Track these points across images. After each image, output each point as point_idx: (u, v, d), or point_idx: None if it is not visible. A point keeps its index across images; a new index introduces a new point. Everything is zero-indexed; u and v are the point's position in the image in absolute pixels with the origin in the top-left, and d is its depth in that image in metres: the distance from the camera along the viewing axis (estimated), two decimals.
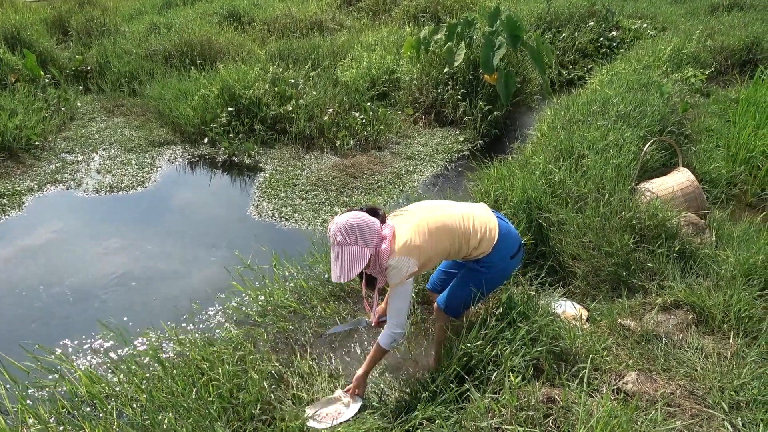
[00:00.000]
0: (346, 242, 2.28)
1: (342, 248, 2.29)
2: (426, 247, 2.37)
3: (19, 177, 5.54)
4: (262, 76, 6.88)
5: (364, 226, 2.30)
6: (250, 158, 6.07)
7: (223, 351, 2.76)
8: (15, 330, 3.56)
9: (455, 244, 2.47)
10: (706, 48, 7.80)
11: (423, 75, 7.03)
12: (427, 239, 2.37)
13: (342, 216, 2.33)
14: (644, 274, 3.33)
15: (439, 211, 2.50)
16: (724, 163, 4.94)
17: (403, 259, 2.31)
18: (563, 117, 5.43)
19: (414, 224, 2.40)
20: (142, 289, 3.97)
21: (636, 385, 2.41)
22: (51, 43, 8.47)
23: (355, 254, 2.28)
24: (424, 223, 2.41)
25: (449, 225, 2.45)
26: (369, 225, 2.31)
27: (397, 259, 2.31)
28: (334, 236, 2.30)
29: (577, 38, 8.91)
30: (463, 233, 2.47)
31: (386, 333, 2.47)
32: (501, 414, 2.14)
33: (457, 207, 2.59)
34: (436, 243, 2.40)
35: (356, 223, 2.29)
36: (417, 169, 5.86)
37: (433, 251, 2.41)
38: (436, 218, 2.45)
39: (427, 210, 2.51)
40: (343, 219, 2.31)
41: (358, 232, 2.28)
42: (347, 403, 2.61)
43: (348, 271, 2.28)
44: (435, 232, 2.40)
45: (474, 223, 2.51)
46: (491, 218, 2.59)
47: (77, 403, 2.57)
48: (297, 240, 4.44)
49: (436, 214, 2.47)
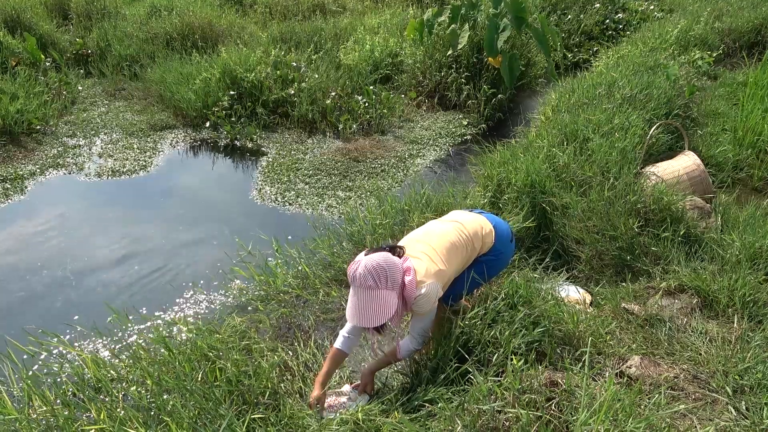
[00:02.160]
0: (377, 286, 2.17)
1: (371, 292, 2.18)
2: (445, 269, 2.36)
3: (21, 161, 5.52)
4: (264, 60, 6.82)
5: (393, 269, 2.20)
6: (253, 142, 6.04)
7: (228, 338, 2.77)
8: (18, 314, 3.57)
9: (466, 256, 2.49)
10: (714, 30, 7.68)
11: (426, 58, 6.96)
12: (444, 262, 2.36)
13: (370, 257, 2.20)
14: (648, 258, 3.32)
15: (436, 235, 2.47)
16: (730, 146, 4.89)
17: (432, 284, 2.26)
18: (568, 100, 5.37)
19: (425, 252, 2.37)
20: (145, 273, 3.98)
21: (639, 369, 2.41)
22: (51, 26, 8.40)
23: (385, 299, 2.18)
24: (432, 249, 2.38)
25: (455, 242, 2.44)
26: (396, 267, 2.22)
27: (426, 288, 2.25)
28: (363, 279, 2.18)
29: (582, 20, 8.79)
30: (467, 244, 2.48)
31: (407, 347, 2.46)
32: (503, 397, 2.14)
33: (446, 224, 2.57)
34: (451, 263, 2.40)
35: (387, 265, 2.18)
36: (420, 153, 5.82)
37: (451, 272, 2.42)
38: (439, 241, 2.42)
39: (425, 237, 2.47)
40: (373, 261, 2.18)
41: (389, 274, 2.18)
42: (354, 398, 2.60)
43: (379, 317, 2.19)
44: (447, 253, 2.39)
45: (468, 230, 2.53)
46: (478, 218, 2.63)
47: (82, 386, 2.58)
48: (301, 225, 4.44)
49: (436, 238, 2.44)
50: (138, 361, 2.67)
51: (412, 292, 2.23)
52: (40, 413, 2.43)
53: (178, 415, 2.20)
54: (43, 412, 2.44)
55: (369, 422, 2.25)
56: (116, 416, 2.28)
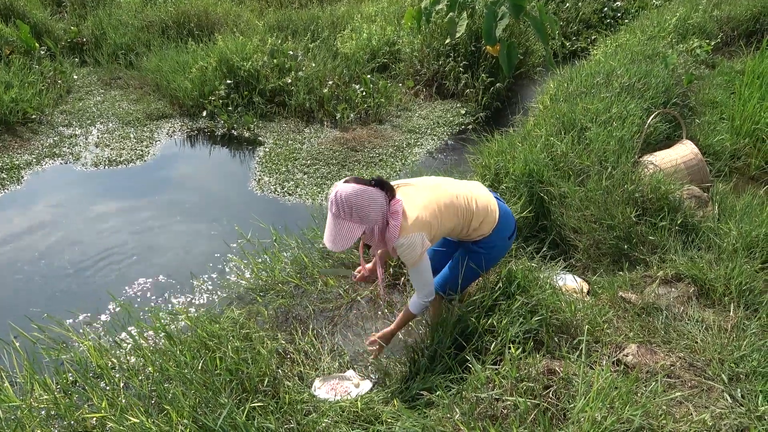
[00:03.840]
0: (339, 215, 2.21)
1: (335, 220, 2.23)
2: (435, 224, 2.34)
3: (17, 151, 5.50)
4: (261, 48, 6.77)
5: (363, 206, 2.20)
6: (250, 131, 6.02)
7: (228, 328, 2.78)
8: (17, 303, 3.57)
9: (459, 225, 2.46)
10: (713, 18, 7.66)
11: (424, 46, 6.91)
12: (436, 216, 2.34)
13: (344, 186, 2.22)
14: (646, 247, 3.33)
15: (445, 191, 2.45)
16: (728, 135, 4.90)
17: (416, 235, 2.26)
18: (566, 89, 5.36)
19: (423, 202, 2.35)
20: (143, 263, 3.98)
21: (636, 357, 2.43)
22: (45, 14, 8.30)
23: (345, 229, 2.22)
24: (433, 200, 2.37)
25: (455, 205, 2.42)
26: (368, 204, 2.21)
27: (410, 236, 2.25)
28: (330, 205, 2.23)
29: (580, 8, 8.74)
30: (466, 214, 2.46)
31: (417, 303, 2.49)
32: (501, 385, 2.16)
33: (460, 187, 2.55)
34: (442, 222, 2.38)
35: (355, 201, 2.19)
36: (418, 143, 5.81)
37: (439, 230, 2.39)
38: (443, 197, 2.41)
39: (433, 188, 2.46)
40: (344, 192, 2.20)
41: (354, 210, 2.19)
42: (357, 383, 2.62)
43: (337, 243, 2.23)
44: (444, 210, 2.38)
45: (477, 205, 2.49)
46: (491, 200, 2.58)
47: (85, 374, 2.59)
48: (301, 215, 4.43)
49: (442, 193, 2.43)
50: (139, 350, 2.68)
51: (393, 238, 2.26)
52: (42, 401, 2.45)
53: (178, 403, 2.22)
54: (44, 400, 2.46)
55: (368, 410, 2.27)
56: (117, 404, 2.29)
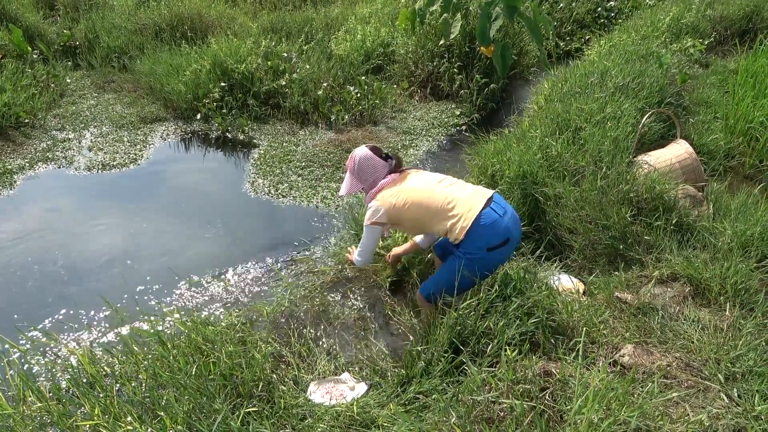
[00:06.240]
0: (346, 169, 2.91)
1: (348, 172, 2.91)
2: (398, 207, 2.70)
3: (9, 155, 5.46)
4: (255, 50, 6.75)
5: (365, 167, 2.83)
6: (244, 134, 6.00)
7: (223, 331, 2.76)
8: (9, 309, 3.54)
9: (431, 220, 2.66)
10: (706, 17, 7.68)
11: (418, 48, 6.91)
12: (401, 202, 2.70)
13: (360, 149, 2.86)
14: (641, 247, 3.33)
15: (428, 188, 2.70)
16: (722, 134, 4.90)
17: (377, 204, 2.74)
18: (560, 89, 5.36)
19: (400, 188, 2.74)
20: (137, 267, 3.95)
21: (632, 357, 2.42)
22: (38, 17, 8.26)
23: (349, 181, 2.90)
24: (407, 191, 2.71)
25: (426, 203, 2.66)
26: (370, 168, 2.82)
27: (374, 203, 2.76)
28: (348, 159, 2.88)
29: (574, 8, 8.75)
30: (438, 213, 2.62)
31: (355, 258, 3.01)
32: (498, 387, 2.15)
33: (449, 188, 2.68)
34: (407, 210, 2.69)
35: (361, 162, 2.83)
36: (413, 144, 5.80)
37: (404, 215, 2.72)
38: (419, 193, 2.69)
39: (421, 183, 2.74)
40: (358, 153, 2.85)
41: (357, 168, 2.84)
42: (352, 386, 2.61)
43: (343, 189, 2.93)
44: (410, 202, 2.68)
45: (454, 207, 2.58)
46: (475, 206, 2.55)
47: (77, 381, 2.57)
48: (296, 217, 4.41)
49: (423, 187, 2.71)
50: (132, 356, 2.66)
51: (369, 198, 2.83)
52: (35, 409, 2.42)
53: (172, 409, 2.19)
54: (37, 408, 2.43)
55: (364, 414, 2.26)
56: (111, 411, 2.27)
